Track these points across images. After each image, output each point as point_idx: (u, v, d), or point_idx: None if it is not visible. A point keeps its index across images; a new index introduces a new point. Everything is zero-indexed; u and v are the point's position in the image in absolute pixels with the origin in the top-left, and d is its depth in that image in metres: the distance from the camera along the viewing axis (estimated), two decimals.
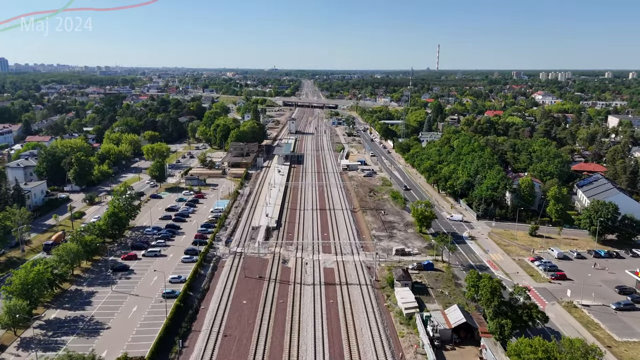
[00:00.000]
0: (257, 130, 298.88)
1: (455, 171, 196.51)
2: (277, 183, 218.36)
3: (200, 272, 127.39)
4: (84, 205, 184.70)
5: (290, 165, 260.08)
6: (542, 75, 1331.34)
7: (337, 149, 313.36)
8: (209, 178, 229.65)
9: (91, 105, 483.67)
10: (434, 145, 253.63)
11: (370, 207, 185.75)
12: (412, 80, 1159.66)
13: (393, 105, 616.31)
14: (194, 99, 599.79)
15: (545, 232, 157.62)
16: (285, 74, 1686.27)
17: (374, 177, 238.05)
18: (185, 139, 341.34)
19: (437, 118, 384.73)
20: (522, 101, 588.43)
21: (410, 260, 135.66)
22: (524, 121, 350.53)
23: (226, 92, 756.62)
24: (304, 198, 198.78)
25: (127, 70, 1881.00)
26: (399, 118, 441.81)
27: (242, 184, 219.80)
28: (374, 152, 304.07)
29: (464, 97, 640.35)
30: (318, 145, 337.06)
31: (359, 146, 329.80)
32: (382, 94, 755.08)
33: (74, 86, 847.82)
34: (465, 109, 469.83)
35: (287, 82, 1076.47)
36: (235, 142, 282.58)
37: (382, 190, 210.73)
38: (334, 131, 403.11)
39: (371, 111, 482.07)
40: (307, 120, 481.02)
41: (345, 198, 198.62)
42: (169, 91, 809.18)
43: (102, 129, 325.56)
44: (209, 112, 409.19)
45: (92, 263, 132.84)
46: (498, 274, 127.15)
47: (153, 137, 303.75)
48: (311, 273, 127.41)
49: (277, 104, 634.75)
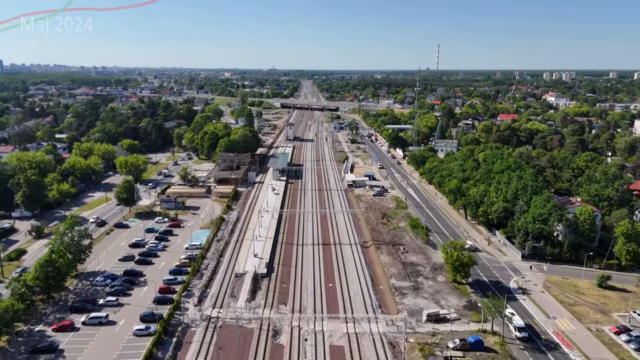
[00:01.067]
0: (250, 139, 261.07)
1: (487, 193, 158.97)
2: (270, 206, 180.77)
3: (157, 356, 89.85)
4: (28, 240, 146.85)
5: (287, 181, 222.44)
6: (546, 75, 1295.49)
7: (340, 159, 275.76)
8: (190, 198, 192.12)
9: (75, 108, 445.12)
10: (454, 157, 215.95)
11: (385, 240, 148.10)
12: (413, 81, 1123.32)
13: (397, 107, 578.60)
14: (186, 101, 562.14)
15: (617, 282, 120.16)
16: (284, 74, 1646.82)
17: (385, 196, 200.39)
18: (172, 147, 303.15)
19: (450, 123, 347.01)
20: (534, 103, 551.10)
21: (448, 331, 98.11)
22: (549, 127, 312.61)
23: (222, 94, 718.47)
24: (302, 228, 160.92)
25: (124, 70, 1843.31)
26: (405, 122, 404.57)
27: (228, 206, 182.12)
28: (382, 164, 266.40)
29: (472, 99, 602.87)
30: (319, 154, 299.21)
31: (365, 155, 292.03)
32: (385, 95, 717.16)
33: (64, 87, 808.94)
34: (477, 112, 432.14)
35: (286, 83, 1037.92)
36: (225, 153, 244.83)
37: (397, 215, 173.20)
38: (335, 137, 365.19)
39: (375, 114, 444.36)
40: (306, 125, 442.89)
41: (353, 227, 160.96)
42: (162, 92, 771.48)
43: (76, 137, 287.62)
44: (200, 117, 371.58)
45: (9, 338, 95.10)
46: (575, 357, 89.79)
47: (132, 146, 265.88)
48: (312, 354, 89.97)
49: (274, 106, 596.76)
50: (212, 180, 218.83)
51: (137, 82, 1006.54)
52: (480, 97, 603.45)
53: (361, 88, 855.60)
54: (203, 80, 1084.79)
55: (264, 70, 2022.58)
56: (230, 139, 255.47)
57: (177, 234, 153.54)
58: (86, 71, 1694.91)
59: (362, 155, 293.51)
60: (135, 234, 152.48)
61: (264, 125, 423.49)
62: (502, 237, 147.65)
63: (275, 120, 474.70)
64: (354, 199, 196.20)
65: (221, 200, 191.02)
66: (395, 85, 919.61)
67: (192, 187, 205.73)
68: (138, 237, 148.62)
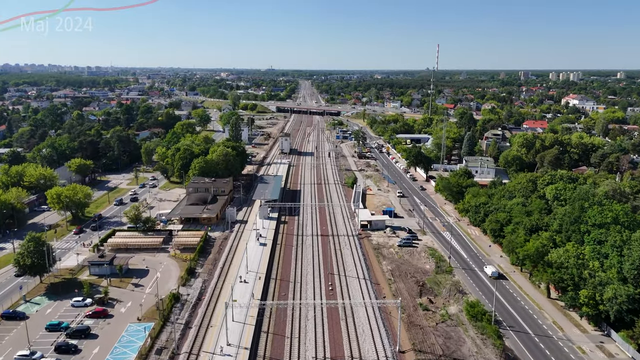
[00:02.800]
0: (232, 159, 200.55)
1: (583, 262, 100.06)
2: (252, 270, 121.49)
3: None
4: None
5: (279, 220, 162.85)
6: (553, 75, 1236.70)
7: (347, 182, 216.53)
8: (139, 253, 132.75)
9: (30, 115, 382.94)
10: (507, 190, 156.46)
11: (435, 349, 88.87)
12: (416, 82, 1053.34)
13: (405, 111, 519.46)
14: (172, 104, 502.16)
15: None
16: (282, 74, 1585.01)
17: (415, 246, 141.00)
18: (138, 166, 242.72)
19: (476, 134, 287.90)
20: (558, 107, 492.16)
21: None
22: (613, 142, 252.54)
23: (213, 95, 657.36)
24: (298, 320, 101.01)
25: (120, 70, 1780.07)
26: (419, 130, 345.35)
27: (191, 269, 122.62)
28: (401, 188, 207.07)
29: (486, 102, 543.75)
30: (320, 174, 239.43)
31: (377, 176, 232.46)
32: (389, 97, 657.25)
33: (46, 88, 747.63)
34: (499, 119, 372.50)
35: (283, 84, 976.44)
36: (198, 178, 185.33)
37: (440, 286, 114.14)
38: (339, 149, 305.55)
39: (383, 121, 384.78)
40: (304, 133, 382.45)
41: (377, 315, 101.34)
42: (150, 94, 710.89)
43: (18, 154, 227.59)
44: (181, 124, 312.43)
45: None
46: None
47: (82, 167, 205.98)
48: None
49: (269, 110, 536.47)
50: (177, 221, 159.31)
51: (127, 83, 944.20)
52: (495, 100, 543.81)
53: (363, 89, 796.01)
54: (197, 81, 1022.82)
55: (262, 70, 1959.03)
56: (207, 159, 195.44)
57: (96, 335, 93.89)
58: (79, 71, 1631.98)
59: (374, 175, 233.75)
60: (34, 331, 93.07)
61: (256, 134, 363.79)
62: (629, 348, 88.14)
63: (269, 126, 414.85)
64: (372, 252, 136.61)
65: (183, 257, 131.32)
66: (398, 86, 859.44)
67: (144, 233, 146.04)
68: (36, 337, 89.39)
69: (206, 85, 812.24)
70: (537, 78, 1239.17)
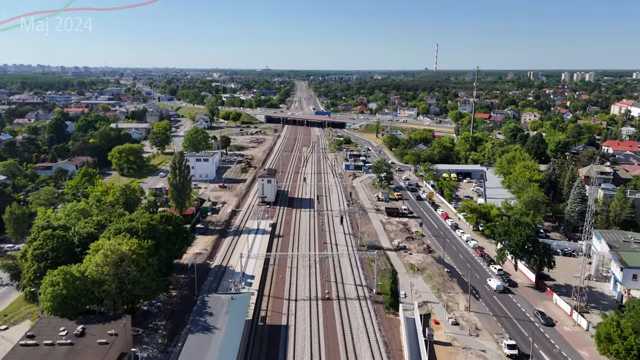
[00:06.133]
0: (147, 265, 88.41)
1: None
2: None
3: None
4: None
5: None
6: (565, 75, 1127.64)
7: (383, 290, 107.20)
8: None
9: None
10: None
11: None
12: (418, 82, 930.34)
13: (424, 121, 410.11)
14: (133, 114, 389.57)
15: None
16: (277, 74, 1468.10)
17: None
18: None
19: (560, 171, 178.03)
20: (616, 117, 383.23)
21: None
22: None
23: (193, 101, 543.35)
24: None
25: (110, 70, 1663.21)
26: (466, 157, 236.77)
27: None
28: (504, 327, 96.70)
29: (520, 109, 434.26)
30: (326, 265, 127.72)
31: (434, 266, 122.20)
32: (400, 102, 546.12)
33: (4, 92, 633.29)
34: (569, 139, 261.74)
35: (277, 85, 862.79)
36: (49, 320, 74.25)
37: None
38: (354, 192, 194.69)
39: (408, 141, 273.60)
40: (299, 160, 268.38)
41: None
42: (123, 98, 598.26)
43: None
44: (117, 151, 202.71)
45: None
46: None
47: None
48: None
49: (257, 119, 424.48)
50: None
51: (104, 85, 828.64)
52: (535, 108, 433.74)
53: (367, 92, 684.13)
54: (184, 82, 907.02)
55: (257, 70, 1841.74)
56: (77, 274, 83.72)
57: None
58: (64, 71, 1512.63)
59: (428, 266, 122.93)
60: None
61: (231, 161, 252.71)
62: None
63: (253, 146, 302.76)
64: None
65: None
66: (405, 88, 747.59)
67: None
68: None
69: (188, 88, 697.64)
70: (547, 79, 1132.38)
